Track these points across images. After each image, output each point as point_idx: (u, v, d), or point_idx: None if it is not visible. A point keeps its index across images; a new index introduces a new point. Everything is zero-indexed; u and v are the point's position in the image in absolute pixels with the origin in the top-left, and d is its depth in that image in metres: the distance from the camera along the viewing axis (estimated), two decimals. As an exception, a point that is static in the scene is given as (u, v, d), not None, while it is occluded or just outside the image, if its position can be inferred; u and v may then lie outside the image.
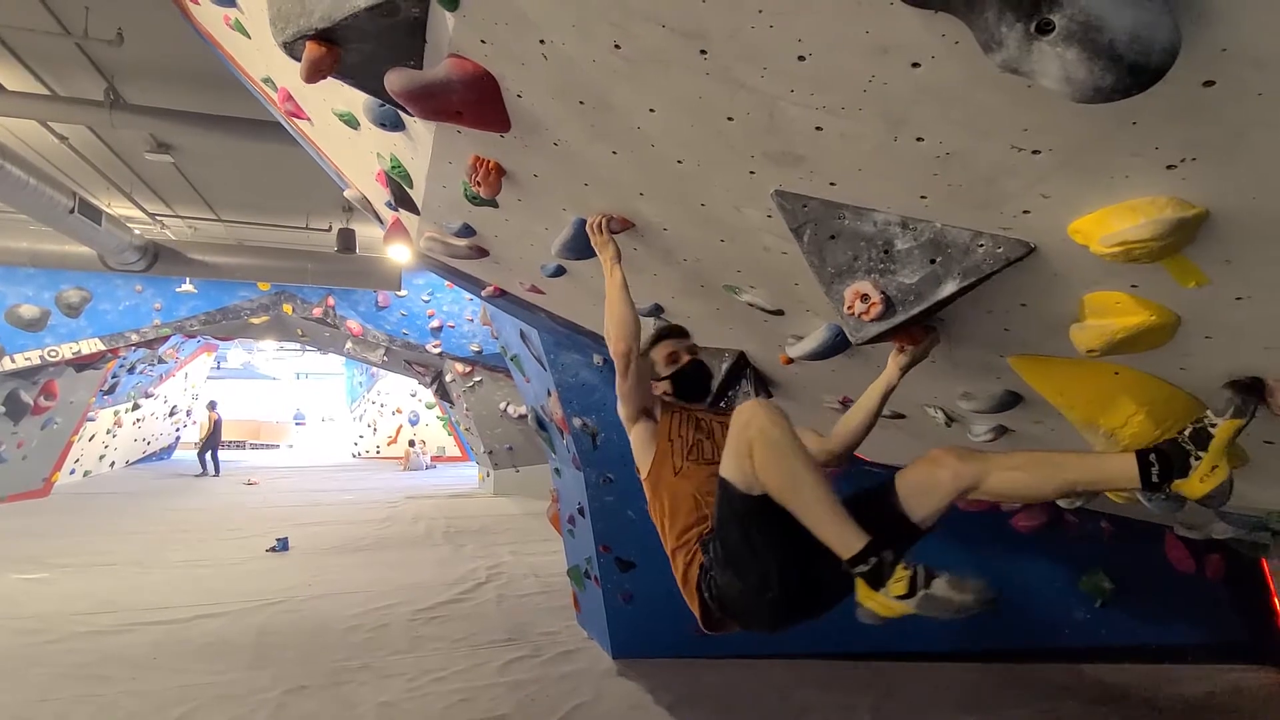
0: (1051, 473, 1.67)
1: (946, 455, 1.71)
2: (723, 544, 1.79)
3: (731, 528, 1.76)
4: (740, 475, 1.68)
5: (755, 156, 1.50)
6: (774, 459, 1.62)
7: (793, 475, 1.62)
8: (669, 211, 1.94)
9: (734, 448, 1.69)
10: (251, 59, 3.25)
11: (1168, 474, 1.54)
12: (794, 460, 1.62)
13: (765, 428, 1.62)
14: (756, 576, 1.73)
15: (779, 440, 1.62)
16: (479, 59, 1.58)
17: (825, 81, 1.20)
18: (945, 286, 1.45)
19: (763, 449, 1.62)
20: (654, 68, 1.35)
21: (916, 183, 1.36)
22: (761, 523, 1.71)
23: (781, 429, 1.62)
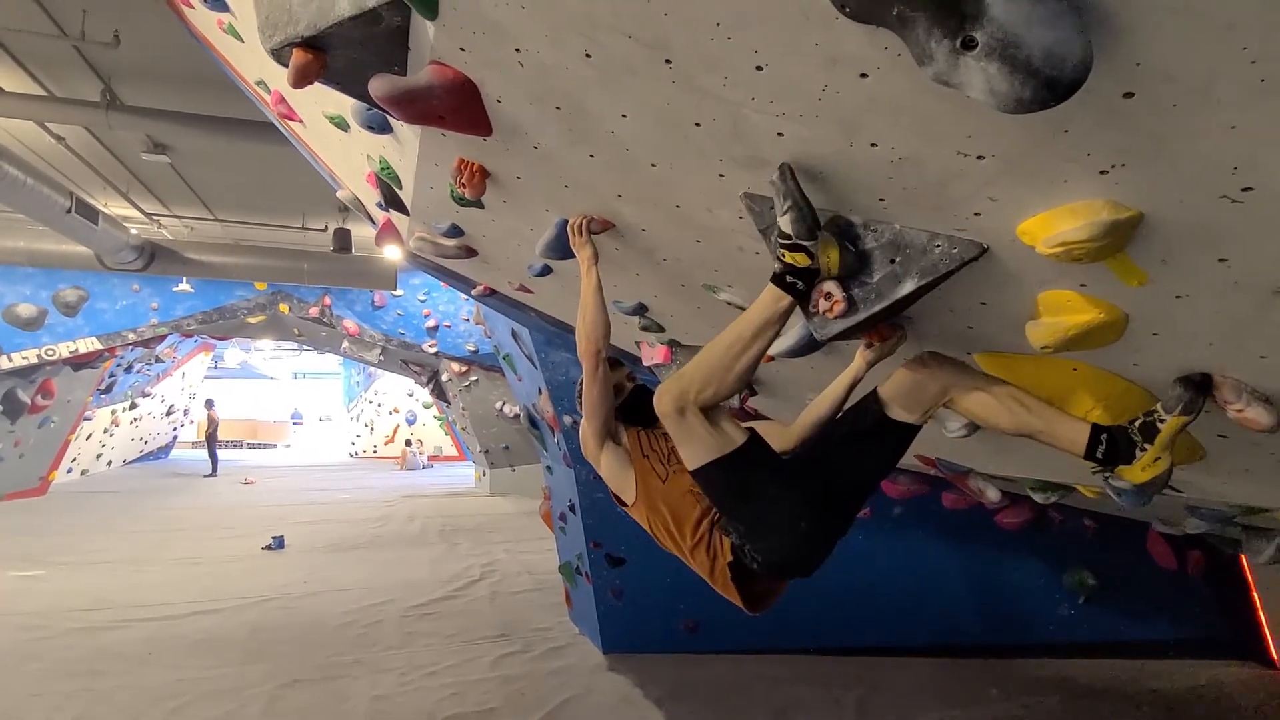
0: (1017, 410, 1.75)
1: (930, 357, 1.78)
2: (740, 519, 1.80)
3: (736, 502, 1.78)
4: (704, 447, 1.72)
5: (723, 160, 1.57)
6: (701, 378, 1.69)
7: (719, 362, 1.68)
8: (646, 213, 2.01)
9: (676, 432, 1.74)
10: (245, 62, 3.31)
11: (1113, 456, 1.61)
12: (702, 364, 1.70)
13: (671, 388, 1.71)
14: (787, 519, 1.75)
15: (685, 377, 1.71)
16: (459, 65, 1.64)
17: (782, 90, 1.26)
18: (904, 285, 1.51)
19: (691, 387, 1.69)
20: (623, 76, 1.41)
21: (874, 186, 1.42)
22: (755, 471, 1.74)
23: (679, 375, 1.73)
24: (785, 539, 1.77)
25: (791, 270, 1.54)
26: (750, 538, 1.80)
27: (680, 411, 1.71)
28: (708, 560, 1.92)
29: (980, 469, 3.28)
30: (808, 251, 1.50)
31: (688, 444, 1.75)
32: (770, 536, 1.77)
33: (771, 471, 1.78)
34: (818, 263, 1.52)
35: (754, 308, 1.65)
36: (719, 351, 1.70)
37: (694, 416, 1.71)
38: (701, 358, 1.74)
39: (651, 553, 4.83)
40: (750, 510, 1.77)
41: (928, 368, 1.78)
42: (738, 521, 1.81)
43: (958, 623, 4.98)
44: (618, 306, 2.90)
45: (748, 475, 1.75)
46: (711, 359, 1.71)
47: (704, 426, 1.72)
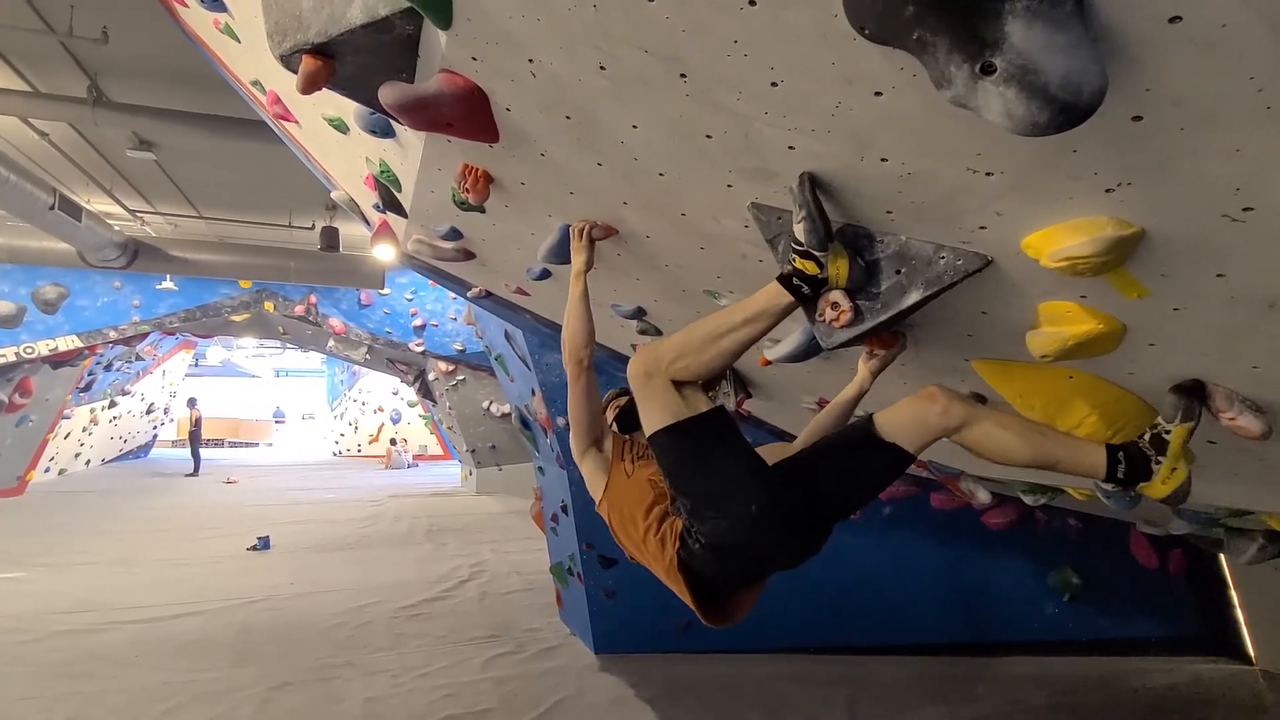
0: (1033, 440, 1.66)
1: (939, 392, 1.67)
2: (687, 493, 1.72)
3: (686, 470, 1.70)
4: (663, 411, 1.68)
5: (733, 171, 1.59)
6: (678, 348, 1.69)
7: (701, 337, 1.68)
8: (651, 220, 2.03)
9: (642, 396, 1.72)
10: (241, 62, 3.29)
11: (1133, 475, 1.61)
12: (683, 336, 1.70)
13: (646, 352, 1.72)
14: (737, 498, 1.64)
15: (662, 344, 1.71)
16: (470, 74, 1.65)
17: (796, 106, 1.29)
18: (910, 296, 1.54)
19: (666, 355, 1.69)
20: (637, 88, 1.43)
21: (882, 199, 1.45)
22: (712, 442, 1.68)
23: (658, 343, 1.74)
24: (732, 521, 1.65)
25: (800, 275, 1.57)
26: (696, 514, 1.70)
27: (648, 375, 1.69)
28: (658, 548, 1.84)
29: (972, 471, 3.33)
30: (818, 260, 1.53)
31: (648, 408, 1.71)
32: (717, 515, 1.66)
33: (731, 448, 1.69)
34: (826, 272, 1.54)
35: (752, 299, 1.66)
36: (704, 328, 1.70)
37: (661, 382, 1.68)
38: (684, 331, 1.73)
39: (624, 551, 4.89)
40: (699, 482, 1.68)
41: (937, 403, 1.66)
42: (685, 496, 1.72)
43: (945, 622, 5.05)
44: (616, 310, 2.92)
45: (703, 444, 1.68)
46: (694, 333, 1.71)
47: (668, 392, 1.68)
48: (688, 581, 1.80)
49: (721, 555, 1.71)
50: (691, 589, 1.81)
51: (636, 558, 2.03)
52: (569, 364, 2.06)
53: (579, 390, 2.07)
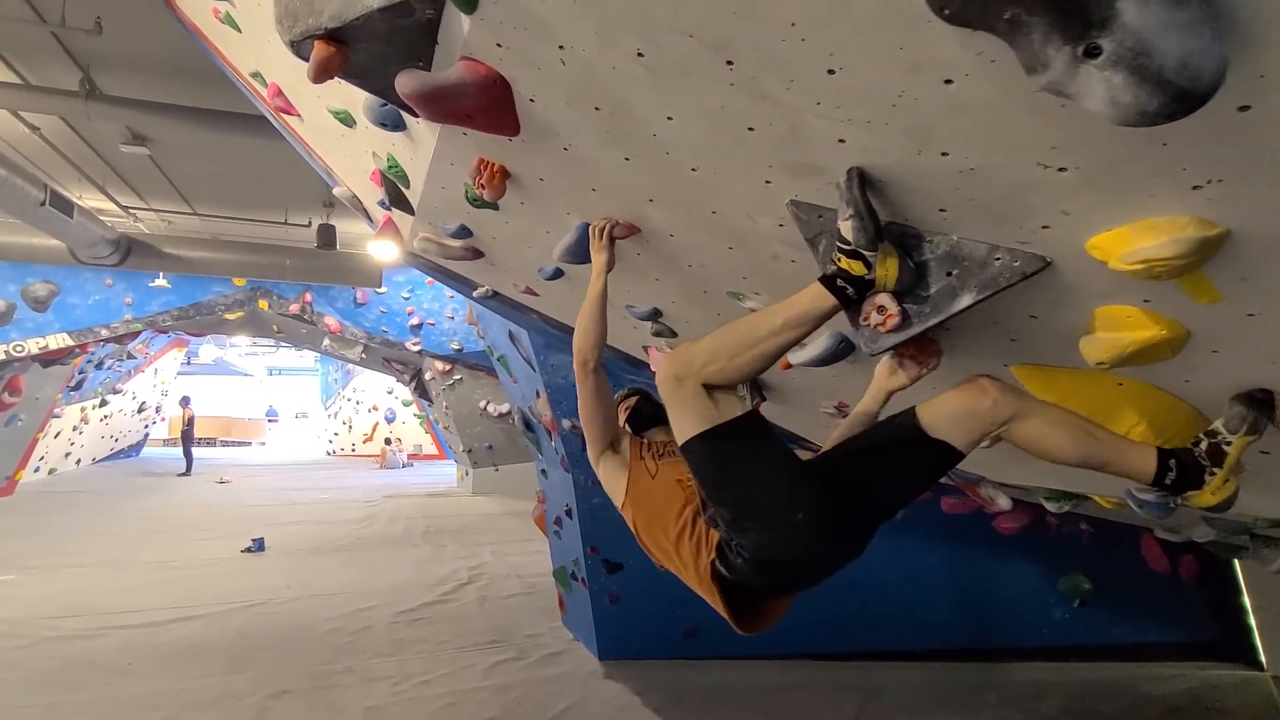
0: (1084, 440, 1.57)
1: (989, 384, 1.57)
2: (726, 503, 1.61)
3: (724, 479, 1.60)
4: (695, 417, 1.58)
5: (773, 166, 1.50)
6: (711, 351, 1.60)
7: (736, 341, 1.59)
8: (678, 218, 1.94)
9: (672, 401, 1.62)
10: (240, 53, 3.18)
11: (1184, 482, 1.52)
12: (717, 339, 1.61)
13: (677, 355, 1.64)
14: (781, 506, 1.55)
15: (694, 347, 1.62)
16: (493, 62, 1.56)
17: (854, 95, 1.20)
18: (962, 299, 1.46)
19: (698, 359, 1.59)
20: (676, 77, 1.34)
21: (937, 196, 1.37)
22: (749, 447, 1.59)
23: (688, 346, 1.65)
24: (777, 531, 1.56)
25: (845, 275, 1.48)
26: (736, 526, 1.60)
27: (679, 379, 1.59)
28: (692, 555, 1.74)
29: (995, 478, 3.25)
30: (866, 261, 1.44)
31: (679, 414, 1.61)
32: (760, 526, 1.57)
33: (770, 453, 1.60)
34: (874, 273, 1.45)
35: (792, 301, 1.56)
36: (740, 332, 1.60)
37: (692, 386, 1.58)
38: (718, 333, 1.63)
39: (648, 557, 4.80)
40: (739, 492, 1.58)
41: (987, 395, 1.56)
42: (724, 506, 1.61)
43: (956, 627, 4.98)
44: (631, 311, 2.83)
45: (741, 451, 1.58)
46: (728, 337, 1.61)
47: (700, 398, 1.58)
48: (721, 591, 1.69)
49: (765, 567, 1.61)
50: (725, 598, 1.70)
51: (664, 564, 1.93)
52: (579, 365, 1.99)
53: (588, 392, 1.99)
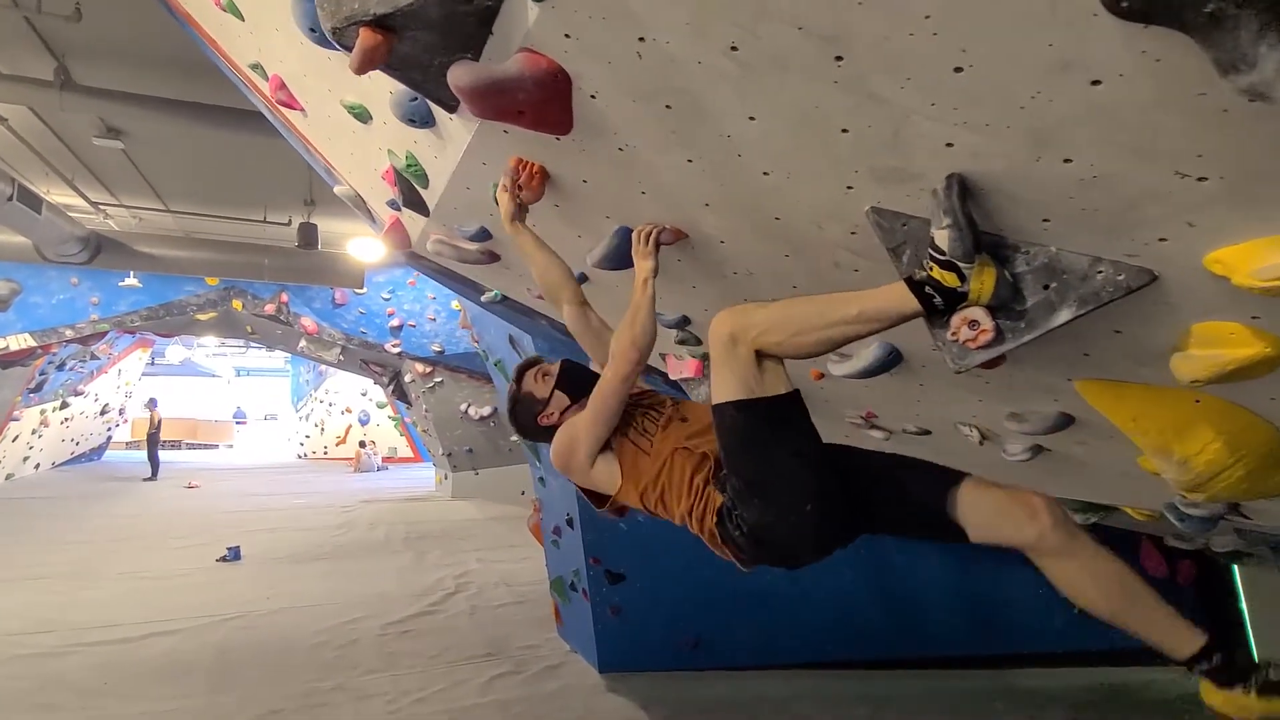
0: (1119, 603, 1.54)
1: (1044, 507, 1.53)
2: (739, 475, 1.61)
3: (746, 451, 1.59)
4: (738, 383, 1.55)
5: (859, 171, 1.41)
6: (774, 323, 1.53)
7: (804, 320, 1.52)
8: (733, 224, 1.83)
9: (720, 359, 1.56)
10: (239, 43, 3.01)
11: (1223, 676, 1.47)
12: (784, 311, 1.55)
13: (737, 315, 1.56)
14: (795, 495, 1.57)
15: (758, 313, 1.55)
16: (557, 55, 1.44)
17: (977, 96, 1.11)
18: (1060, 314, 1.38)
19: (758, 326, 1.53)
20: (771, 73, 1.24)
21: (1044, 205, 1.28)
22: (781, 429, 1.58)
23: (749, 308, 1.57)
24: (783, 516, 1.58)
25: (935, 285, 1.39)
26: (744, 499, 1.61)
27: (734, 340, 1.54)
28: (698, 517, 1.75)
29: (1021, 489, 3.20)
30: (961, 273, 1.35)
31: (723, 375, 1.57)
32: (767, 506, 1.58)
33: (798, 438, 1.59)
34: (968, 285, 1.37)
35: (872, 294, 1.49)
36: (810, 310, 1.54)
37: (745, 351, 1.54)
38: (786, 304, 1.57)
39: (652, 568, 4.71)
40: (758, 468, 1.58)
41: (1037, 522, 1.52)
42: (737, 477, 1.62)
43: (959, 634, 4.96)
44: (659, 318, 2.72)
45: (772, 430, 1.57)
46: (796, 311, 1.55)
47: (749, 364, 1.54)
48: (731, 546, 1.71)
49: (758, 545, 1.65)
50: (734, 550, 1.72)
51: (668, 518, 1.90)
52: (628, 364, 1.81)
53: (626, 392, 1.86)
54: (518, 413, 2.08)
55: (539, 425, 2.04)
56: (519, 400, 2.06)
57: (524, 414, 2.06)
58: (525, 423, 2.07)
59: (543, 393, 2.03)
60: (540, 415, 2.03)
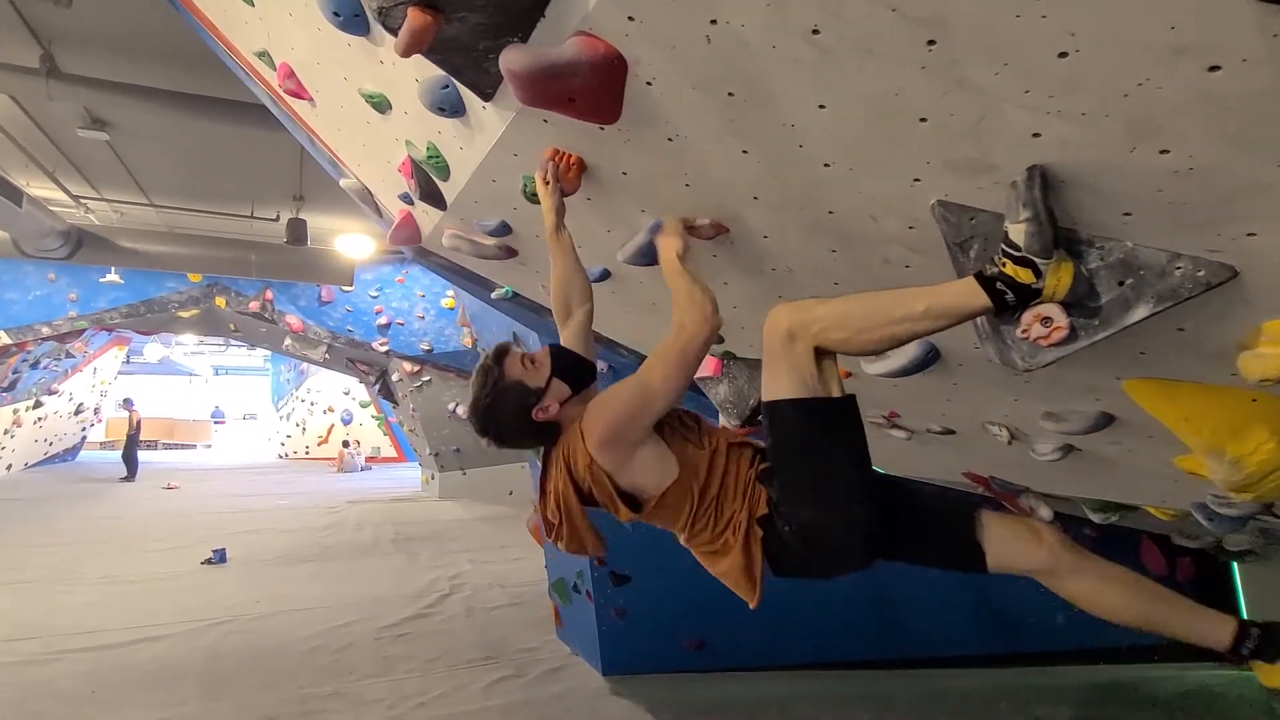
0: (1142, 602, 1.61)
1: (1047, 533, 1.64)
2: (793, 474, 1.57)
3: (800, 452, 1.55)
4: (796, 381, 1.49)
5: (931, 163, 1.36)
6: (837, 319, 1.47)
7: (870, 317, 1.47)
8: (780, 218, 1.78)
9: (775, 355, 1.51)
10: (244, 30, 2.91)
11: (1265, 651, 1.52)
12: (848, 307, 1.49)
13: (796, 310, 1.50)
14: (843, 495, 1.55)
15: (818, 309, 1.48)
16: (616, 39, 1.38)
17: (1078, 83, 1.06)
18: (1136, 311, 1.34)
19: (819, 321, 1.47)
20: (853, 58, 1.19)
21: (1128, 199, 1.25)
22: (836, 431, 1.54)
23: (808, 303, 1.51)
24: (834, 517, 1.56)
25: (1008, 281, 1.34)
26: (795, 498, 1.57)
27: (792, 336, 1.48)
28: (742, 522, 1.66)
29: (1043, 489, 3.19)
30: (1036, 269, 1.31)
31: (778, 371, 1.51)
32: (819, 507, 1.56)
33: (852, 441, 1.56)
34: (1043, 282, 1.33)
35: (939, 289, 1.43)
36: (874, 306, 1.48)
37: (804, 348, 1.48)
38: (848, 300, 1.51)
39: (656, 570, 4.64)
40: (812, 469, 1.55)
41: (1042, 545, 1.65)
42: (790, 476, 1.57)
43: (962, 634, 4.96)
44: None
45: (828, 432, 1.54)
46: (860, 307, 1.49)
47: (808, 362, 1.49)
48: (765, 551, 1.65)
49: (806, 544, 1.60)
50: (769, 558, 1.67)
51: None
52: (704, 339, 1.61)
53: (696, 355, 1.62)
54: (500, 408, 1.72)
55: (530, 421, 1.71)
56: (504, 392, 1.71)
57: (510, 408, 1.71)
58: (510, 420, 1.73)
59: (536, 381, 1.72)
60: (535, 408, 1.70)
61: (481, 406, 1.73)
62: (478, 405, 1.74)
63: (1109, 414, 2.08)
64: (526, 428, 1.73)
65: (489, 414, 1.73)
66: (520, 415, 1.71)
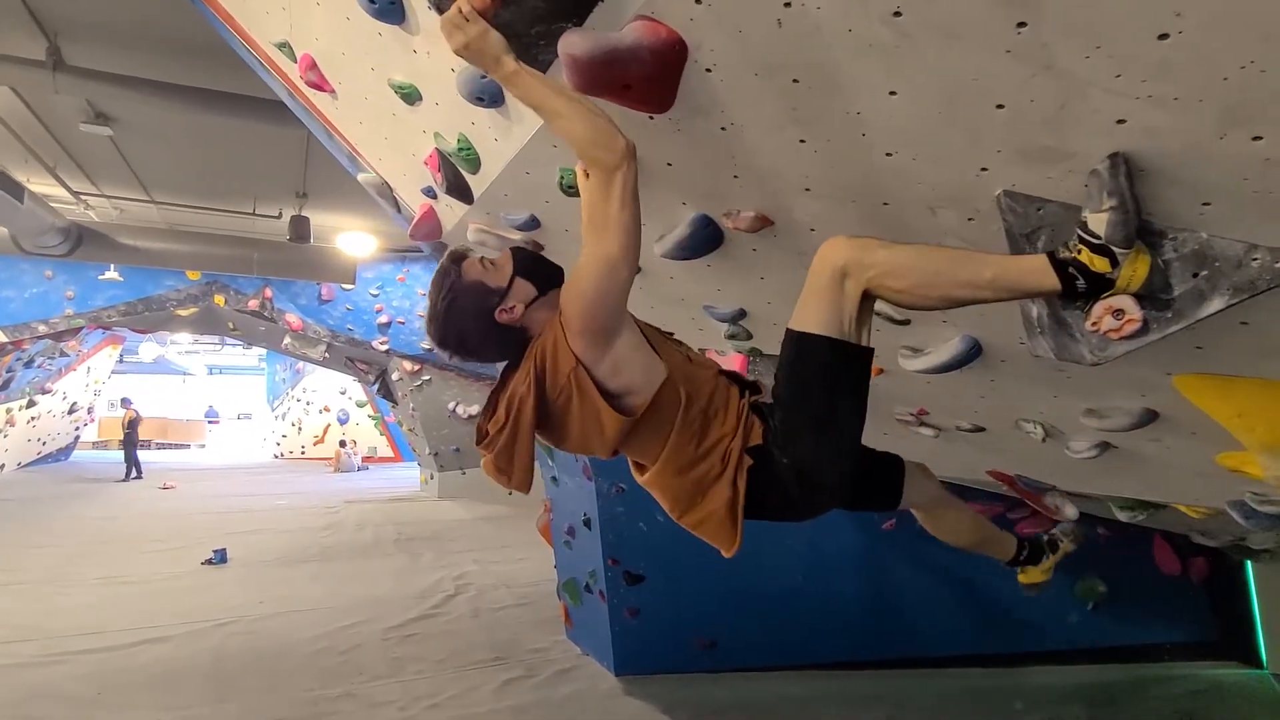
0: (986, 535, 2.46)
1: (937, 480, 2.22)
2: (803, 408, 1.56)
3: (815, 388, 1.54)
4: (833, 319, 1.45)
5: (1002, 151, 1.33)
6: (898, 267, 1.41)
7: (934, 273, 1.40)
8: (831, 210, 1.75)
9: (820, 287, 1.45)
10: (264, 21, 2.86)
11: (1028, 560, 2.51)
12: (910, 257, 1.43)
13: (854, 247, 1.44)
14: (843, 434, 1.57)
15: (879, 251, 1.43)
16: (680, 24, 1.35)
17: (1176, 66, 1.03)
18: (1211, 303, 1.31)
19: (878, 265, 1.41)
20: (934, 41, 1.16)
21: (1210, 188, 1.22)
22: (852, 379, 1.55)
23: (870, 243, 1.45)
24: (834, 457, 1.58)
25: (1081, 268, 1.30)
26: (796, 432, 1.56)
27: (845, 272, 1.42)
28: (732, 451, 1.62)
29: (1071, 488, 3.17)
30: (1115, 259, 1.28)
31: (816, 304, 1.46)
32: (821, 444, 1.56)
33: (862, 392, 1.58)
34: (1118, 273, 1.30)
35: (1009, 261, 1.39)
36: (940, 262, 1.42)
37: (854, 287, 1.43)
38: (915, 251, 1.45)
39: (669, 569, 4.61)
40: (824, 406, 1.55)
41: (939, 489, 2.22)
42: (798, 409, 1.56)
43: (976, 633, 4.94)
44: (710, 312, 2.64)
45: (850, 376, 1.54)
46: (926, 262, 1.42)
47: (852, 303, 1.44)
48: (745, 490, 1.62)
49: (800, 479, 1.60)
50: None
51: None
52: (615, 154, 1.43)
53: (631, 194, 1.48)
54: (459, 310, 1.60)
55: (493, 324, 1.60)
56: (462, 292, 1.59)
57: (470, 310, 1.60)
58: (470, 324, 1.61)
59: (497, 280, 1.62)
60: (498, 309, 1.60)
61: (439, 311, 1.62)
62: (435, 311, 1.63)
63: (1152, 410, 2.05)
64: (489, 331, 1.62)
65: (448, 318, 1.62)
66: (481, 317, 1.60)
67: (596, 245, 1.50)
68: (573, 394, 1.56)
